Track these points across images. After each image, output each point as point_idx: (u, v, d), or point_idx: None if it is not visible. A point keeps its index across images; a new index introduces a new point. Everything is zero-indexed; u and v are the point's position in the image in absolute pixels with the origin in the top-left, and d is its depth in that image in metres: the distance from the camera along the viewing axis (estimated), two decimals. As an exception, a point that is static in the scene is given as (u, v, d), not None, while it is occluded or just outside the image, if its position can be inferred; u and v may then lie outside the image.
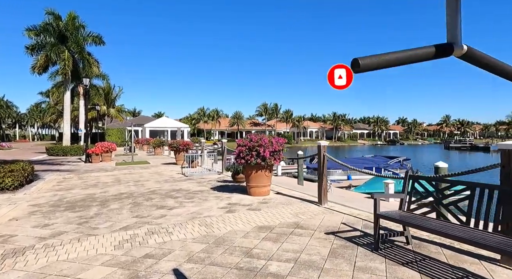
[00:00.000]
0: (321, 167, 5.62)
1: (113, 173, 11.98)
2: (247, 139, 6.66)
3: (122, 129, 41.45)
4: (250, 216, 5.07)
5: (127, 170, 12.91)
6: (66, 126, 25.43)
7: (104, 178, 10.46)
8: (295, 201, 6.15)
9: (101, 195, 7.34)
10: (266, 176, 6.63)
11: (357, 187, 13.19)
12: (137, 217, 5.28)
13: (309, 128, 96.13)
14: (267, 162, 6.41)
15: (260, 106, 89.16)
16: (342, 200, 6.21)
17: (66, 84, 25.15)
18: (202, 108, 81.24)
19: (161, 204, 6.20)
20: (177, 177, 10.48)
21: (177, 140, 14.56)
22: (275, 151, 6.45)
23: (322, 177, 5.62)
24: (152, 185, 8.82)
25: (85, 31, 25.33)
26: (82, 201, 6.76)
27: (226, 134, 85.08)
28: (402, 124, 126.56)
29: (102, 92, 40.69)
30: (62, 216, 5.42)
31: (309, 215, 5.04)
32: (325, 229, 4.23)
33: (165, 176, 10.83)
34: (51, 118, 51.41)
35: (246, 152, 6.45)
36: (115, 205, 6.22)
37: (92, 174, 11.78)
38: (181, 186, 8.52)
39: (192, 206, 5.97)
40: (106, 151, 17.45)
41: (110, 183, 9.27)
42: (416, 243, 3.60)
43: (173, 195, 7.15)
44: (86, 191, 8.01)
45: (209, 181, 9.38)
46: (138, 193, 7.59)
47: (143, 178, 10.26)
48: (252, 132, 40.92)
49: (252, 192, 6.71)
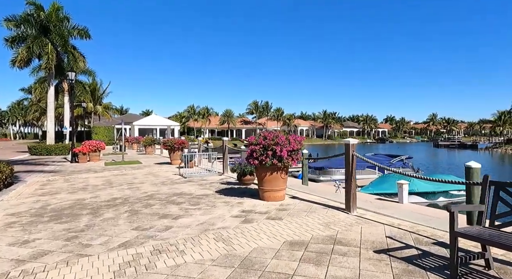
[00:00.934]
0: (350, 169, 4.91)
1: (103, 174, 11.00)
2: (260, 137, 5.89)
3: (110, 127, 39.97)
4: (273, 228, 4.30)
5: (118, 170, 11.94)
6: (50, 124, 24.02)
7: (94, 180, 9.51)
8: (318, 208, 5.42)
9: (92, 201, 6.44)
10: (282, 179, 5.88)
11: (363, 187, 12.59)
12: (137, 229, 4.44)
13: (299, 126, 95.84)
14: (284, 163, 5.66)
15: (251, 104, 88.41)
16: (367, 205, 5.52)
17: (49, 80, 23.75)
18: (192, 106, 79.85)
19: (163, 212, 5.37)
20: (175, 178, 9.61)
21: (172, 138, 13.65)
22: (293, 150, 5.70)
23: (351, 181, 4.91)
24: (148, 188, 7.94)
25: (69, 23, 23.98)
26: (69, 208, 5.86)
27: (216, 132, 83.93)
28: (390, 122, 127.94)
29: (88, 89, 39.06)
30: (46, 229, 4.53)
31: (342, 226, 4.31)
32: (372, 246, 3.51)
33: (161, 177, 9.94)
34: (33, 116, 49.31)
35: (260, 151, 5.67)
36: (109, 214, 5.35)
37: (79, 175, 10.78)
38: (181, 189, 7.68)
39: (201, 214, 5.16)
40: (94, 150, 16.35)
41: (101, 186, 8.34)
42: (498, 267, 2.91)
43: (175, 200, 6.32)
44: (74, 195, 7.09)
45: (211, 183, 8.56)
46: (134, 197, 6.72)
47: (137, 180, 9.35)
48: (243, 131, 40.78)
49: (266, 197, 5.95)
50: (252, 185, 7.89)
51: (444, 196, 12.20)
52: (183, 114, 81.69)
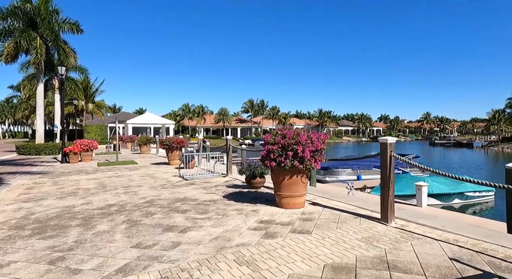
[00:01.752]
0: (388, 173, 4.19)
1: (95, 175, 10.14)
2: (278, 135, 5.14)
3: (103, 126, 38.80)
4: (304, 245, 3.56)
5: (112, 171, 11.08)
6: (39, 122, 22.94)
7: (85, 183, 8.66)
8: (347, 217, 4.69)
9: (83, 209, 5.63)
10: (303, 183, 5.14)
11: (374, 188, 11.93)
12: (138, 246, 3.67)
13: (295, 125, 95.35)
14: (306, 165, 4.92)
15: (246, 102, 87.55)
16: (400, 213, 4.81)
17: (38, 76, 22.64)
18: (186, 105, 78.67)
19: (167, 223, 4.59)
20: (175, 180, 8.81)
21: (170, 137, 12.82)
22: (316, 150, 4.96)
23: (389, 186, 4.19)
24: (147, 192, 7.14)
25: (60, 17, 22.92)
26: (57, 218, 5.04)
27: (211, 131, 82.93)
28: (385, 121, 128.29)
29: (80, 86, 37.79)
30: (26, 247, 3.73)
31: (387, 242, 3.59)
32: (440, 274, 2.78)
33: (160, 179, 9.13)
34: (23, 114, 47.83)
35: (278, 151, 4.92)
36: (103, 225, 4.55)
37: (70, 177, 9.91)
38: (184, 193, 6.89)
39: (212, 226, 4.40)
40: (86, 150, 15.43)
41: (94, 190, 7.51)
42: None
43: (179, 208, 5.53)
44: (63, 201, 6.26)
45: (216, 186, 7.79)
46: (131, 204, 5.92)
47: (134, 183, 8.53)
48: (239, 129, 39.81)
49: (284, 203, 5.20)
50: (263, 188, 7.14)
51: (460, 197, 11.61)
52: (177, 113, 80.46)
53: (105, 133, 37.60)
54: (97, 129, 38.34)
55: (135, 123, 38.42)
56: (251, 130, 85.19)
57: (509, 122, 71.54)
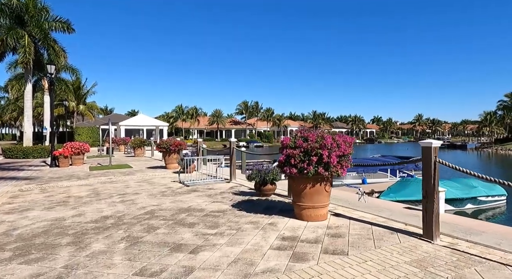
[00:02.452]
0: (432, 181, 3.62)
1: (88, 181, 9.40)
2: (298, 137, 4.54)
3: (94, 128, 37.75)
4: (345, 271, 2.95)
5: (106, 176, 10.34)
6: (27, 124, 21.95)
7: (77, 190, 7.93)
8: (381, 232, 4.11)
9: (75, 222, 4.94)
10: (327, 192, 4.55)
11: (383, 193, 11.41)
12: (142, 274, 3.02)
13: (289, 127, 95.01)
14: (332, 172, 4.33)
15: (241, 104, 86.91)
16: None
17: (27, 76, 21.69)
18: (180, 106, 77.64)
19: (174, 240, 3.95)
20: (176, 187, 8.14)
21: (167, 139, 12.14)
22: (344, 154, 4.38)
23: (434, 197, 3.62)
24: (146, 200, 6.46)
25: (50, 15, 22.03)
26: (44, 234, 4.35)
27: (205, 133, 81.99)
28: (377, 123, 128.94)
29: (71, 87, 36.69)
30: (5, 276, 3.06)
31: (444, 267, 3.00)
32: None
33: (158, 185, 8.44)
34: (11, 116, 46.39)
35: (300, 156, 4.32)
36: (98, 244, 3.89)
37: (59, 183, 9.15)
38: (188, 202, 6.24)
39: (227, 244, 3.77)
40: (77, 153, 14.62)
41: (86, 198, 6.80)
42: None
43: (185, 220, 4.88)
44: (51, 213, 5.55)
45: (221, 193, 7.15)
46: (130, 216, 5.25)
47: (130, 189, 7.83)
48: (233, 131, 38.91)
49: (305, 216, 4.60)
50: (273, 196, 6.54)
51: (472, 202, 11.18)
52: (170, 115, 79.36)
53: (97, 136, 36.54)
54: (88, 132, 37.28)
55: (128, 125, 37.45)
56: (245, 132, 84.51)
57: (500, 124, 72.43)
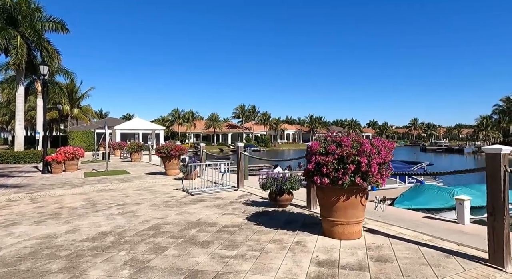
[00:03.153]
0: (502, 195, 3.03)
1: (83, 189, 8.68)
2: (329, 142, 3.93)
3: (89, 132, 36.85)
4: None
5: (102, 184, 9.62)
6: (19, 127, 21.09)
7: (71, 199, 7.23)
8: (433, 255, 3.50)
9: (68, 240, 4.26)
10: (362, 206, 3.95)
11: (396, 200, 10.79)
12: (155, 316, 2.37)
13: (286, 131, 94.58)
14: (371, 182, 3.73)
15: (237, 108, 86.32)
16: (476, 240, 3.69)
17: (19, 78, 20.91)
18: (176, 110, 76.85)
19: (187, 266, 3.30)
20: (180, 195, 7.47)
21: (167, 143, 11.46)
22: (384, 162, 3.79)
23: (503, 214, 3.03)
24: (149, 212, 5.79)
25: (43, 15, 21.33)
26: (31, 257, 3.68)
27: (201, 137, 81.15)
28: (373, 127, 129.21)
29: (65, 91, 35.83)
30: (-22, 319, 2.39)
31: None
32: None
33: (160, 194, 7.76)
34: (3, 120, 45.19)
35: (333, 164, 3.72)
36: (97, 271, 3.23)
37: (52, 191, 8.43)
38: (196, 213, 5.58)
39: (253, 271, 3.13)
40: (71, 158, 13.87)
41: (81, 209, 6.10)
42: None
43: (196, 238, 4.23)
44: (41, 228, 4.86)
45: (230, 202, 6.50)
46: (132, 231, 4.58)
47: (129, 199, 7.14)
48: (229, 135, 37.78)
49: (337, 233, 3.98)
50: (290, 206, 5.91)
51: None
52: (166, 118, 78.56)
53: (92, 140, 35.64)
54: (82, 136, 36.35)
55: (123, 129, 36.62)
56: (242, 136, 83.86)
57: (496, 128, 72.73)
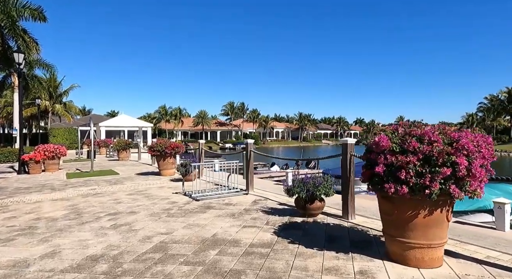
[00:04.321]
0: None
1: (65, 193, 7.42)
2: (408, 137, 2.92)
3: (72, 129, 34.87)
4: None
5: (88, 186, 8.37)
6: (-6, 124, 19.32)
7: (50, 207, 5.99)
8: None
9: (43, 270, 3.09)
10: (447, 222, 2.97)
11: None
12: None
13: (275, 128, 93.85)
14: (467, 191, 2.74)
15: (226, 105, 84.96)
16: None
17: (-8, 69, 19.11)
18: (163, 107, 74.78)
19: (224, 320, 2.23)
20: (182, 201, 6.33)
21: (161, 140, 10.26)
22: (485, 164, 2.80)
23: None
24: (149, 224, 4.65)
25: (19, 1, 19.54)
26: (-12, 302, 2.53)
27: (189, 134, 79.36)
28: (360, 124, 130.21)
29: (45, 85, 33.66)
30: None
31: None
32: None
33: (158, 199, 6.60)
34: (-23, 116, 42.36)
35: (415, 167, 2.71)
36: None
37: (27, 196, 7.16)
38: (208, 227, 4.48)
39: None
40: (51, 157, 12.46)
41: (63, 221, 4.90)
42: None
43: (219, 265, 3.14)
44: (9, 251, 3.67)
45: (246, 210, 5.43)
46: (131, 255, 3.46)
47: (122, 206, 5.96)
48: (218, 133, 36.39)
49: (413, 259, 2.98)
50: (321, 215, 4.90)
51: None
52: (153, 116, 76.34)
53: (75, 137, 33.73)
54: (64, 133, 34.34)
55: (108, 126, 34.76)
56: (231, 133, 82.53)
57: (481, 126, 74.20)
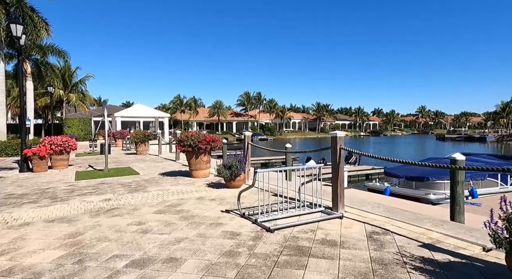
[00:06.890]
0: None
1: (68, 208, 5.18)
2: None
3: (86, 119, 33.24)
4: None
5: (100, 195, 6.14)
6: (0, 113, 17.54)
7: (38, 242, 3.69)
8: None
9: None
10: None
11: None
12: None
13: (292, 119, 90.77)
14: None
15: (242, 95, 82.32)
16: None
17: (-2, 52, 17.22)
18: (178, 97, 72.89)
19: None
20: (245, 232, 3.95)
21: (193, 133, 7.93)
22: None
23: None
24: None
25: (25, -25, 17.47)
26: None
27: (205, 125, 77.48)
28: (378, 115, 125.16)
29: (58, 72, 31.94)
30: None
31: None
32: None
33: (204, 224, 4.24)
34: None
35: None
36: None
37: (14, 213, 4.98)
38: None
39: None
40: (59, 151, 10.38)
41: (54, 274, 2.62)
42: None
43: None
44: None
45: (379, 262, 3.00)
46: None
47: (152, 243, 3.61)
48: (234, 124, 33.03)
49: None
50: None
51: None
52: (168, 106, 74.72)
53: (90, 128, 32.12)
54: (79, 123, 32.74)
55: (124, 117, 32.93)
56: (247, 124, 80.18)
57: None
